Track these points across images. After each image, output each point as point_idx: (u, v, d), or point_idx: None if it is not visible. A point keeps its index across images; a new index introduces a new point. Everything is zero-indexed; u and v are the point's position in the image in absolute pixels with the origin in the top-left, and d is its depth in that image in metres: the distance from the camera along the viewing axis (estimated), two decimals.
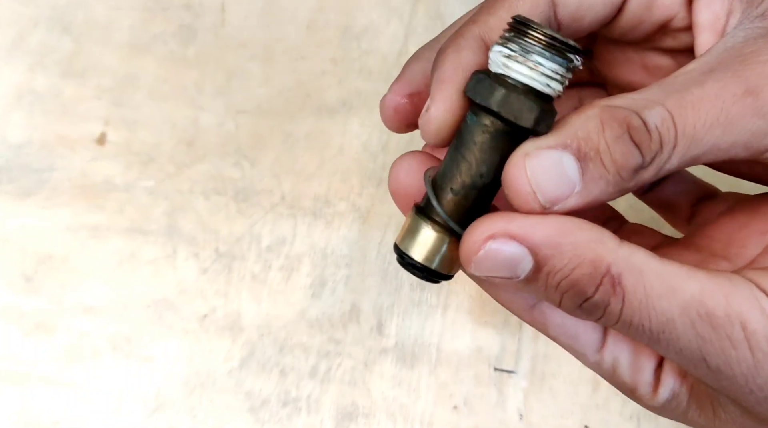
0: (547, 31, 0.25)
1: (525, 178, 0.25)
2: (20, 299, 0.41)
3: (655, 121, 0.25)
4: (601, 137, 0.25)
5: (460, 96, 0.27)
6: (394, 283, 0.41)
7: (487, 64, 0.26)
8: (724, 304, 0.24)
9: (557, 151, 0.25)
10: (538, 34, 0.25)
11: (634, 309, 0.25)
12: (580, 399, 0.39)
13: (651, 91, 0.26)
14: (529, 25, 0.25)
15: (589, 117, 0.25)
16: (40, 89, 0.45)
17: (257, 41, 0.46)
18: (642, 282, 0.25)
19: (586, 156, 0.25)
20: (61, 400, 0.39)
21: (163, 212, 0.43)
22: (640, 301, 0.25)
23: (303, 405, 0.39)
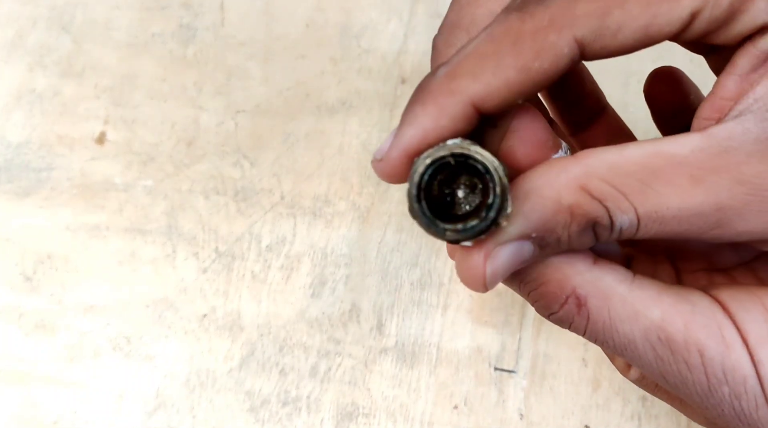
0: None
1: (482, 273, 0.26)
2: (20, 299, 0.41)
3: (623, 224, 0.25)
4: (566, 231, 0.26)
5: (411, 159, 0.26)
6: (394, 283, 0.41)
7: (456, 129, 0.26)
8: (683, 331, 0.26)
9: (518, 244, 0.25)
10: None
11: (598, 328, 0.27)
12: (581, 399, 0.39)
13: (636, 171, 0.25)
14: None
15: (558, 207, 0.25)
16: (39, 89, 0.45)
17: (257, 41, 0.46)
18: (606, 307, 0.26)
19: (544, 243, 0.26)
20: (62, 400, 0.39)
21: (163, 212, 0.43)
22: (604, 323, 0.26)
23: (303, 404, 0.39)
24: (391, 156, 0.26)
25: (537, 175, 0.26)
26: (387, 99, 0.45)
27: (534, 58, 0.25)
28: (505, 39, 0.26)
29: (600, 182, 0.25)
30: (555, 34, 0.25)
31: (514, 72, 0.25)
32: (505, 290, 0.41)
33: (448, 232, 0.25)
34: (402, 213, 0.42)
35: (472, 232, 0.25)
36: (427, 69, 0.46)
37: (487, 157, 0.25)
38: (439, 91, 0.26)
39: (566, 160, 0.26)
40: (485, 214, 0.24)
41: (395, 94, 0.45)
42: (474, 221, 0.25)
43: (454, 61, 0.26)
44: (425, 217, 0.25)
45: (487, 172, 0.25)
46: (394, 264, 0.41)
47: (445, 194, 0.26)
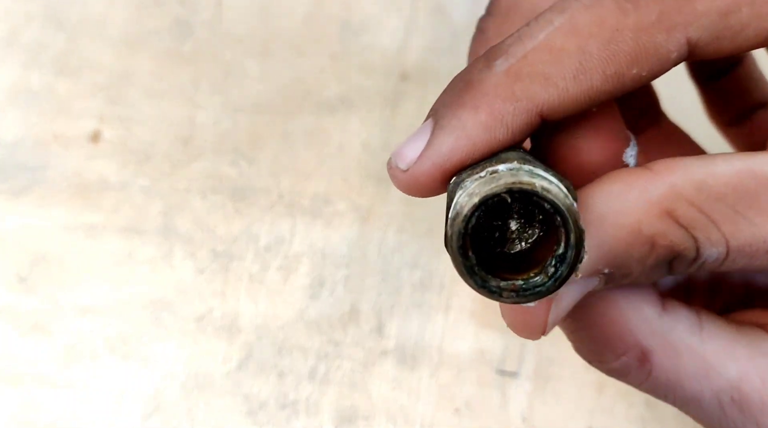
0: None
1: (543, 321, 0.21)
2: (15, 299, 0.41)
3: (709, 257, 0.21)
4: (640, 265, 0.21)
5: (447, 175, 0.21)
6: (395, 284, 0.41)
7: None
8: (760, 389, 0.22)
9: (586, 281, 0.21)
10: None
11: (659, 385, 0.23)
12: (585, 403, 0.39)
13: (728, 194, 0.21)
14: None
15: (637, 238, 0.20)
16: (33, 87, 0.45)
17: (254, 37, 0.46)
18: (675, 364, 0.23)
19: (611, 278, 0.21)
20: (58, 401, 0.39)
21: (160, 211, 0.42)
22: (668, 381, 0.23)
23: (302, 407, 0.39)
24: (421, 169, 0.21)
25: (611, 195, 0.21)
26: (388, 96, 0.45)
27: (632, 63, 0.20)
28: (595, 33, 0.20)
29: (688, 207, 0.20)
30: (664, 34, 0.20)
31: (602, 78, 0.20)
32: None
33: (504, 293, 0.20)
34: (403, 213, 0.42)
35: (537, 295, 0.20)
36: (430, 67, 0.46)
37: (556, 192, 0.19)
38: (497, 94, 0.21)
39: (643, 176, 0.21)
40: (555, 270, 0.19)
41: (396, 91, 0.45)
42: (538, 278, 0.19)
43: (516, 52, 0.21)
44: (474, 275, 0.20)
45: (558, 213, 0.19)
46: (394, 265, 0.41)
47: (493, 226, 0.20)
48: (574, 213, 0.19)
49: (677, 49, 0.20)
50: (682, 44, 0.21)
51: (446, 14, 0.46)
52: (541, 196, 0.19)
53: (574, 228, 0.19)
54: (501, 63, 0.21)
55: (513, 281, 0.20)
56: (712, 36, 0.21)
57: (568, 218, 0.19)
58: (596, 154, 0.22)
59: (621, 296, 0.22)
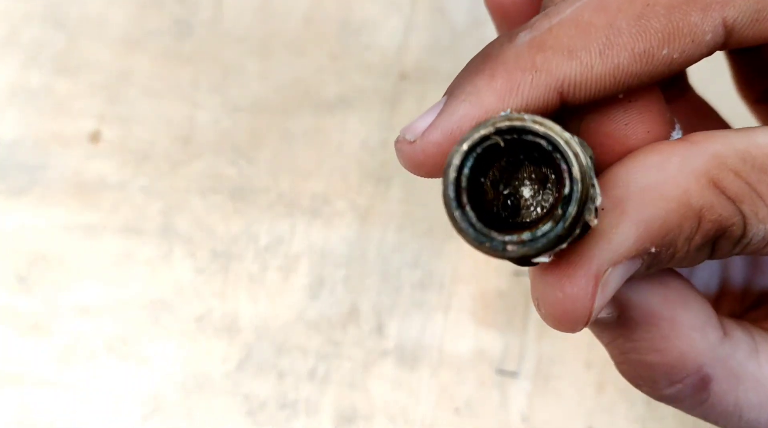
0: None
1: (589, 305, 0.19)
2: (14, 299, 0.41)
3: (755, 236, 0.19)
4: (687, 244, 0.19)
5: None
6: (395, 284, 0.41)
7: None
8: None
9: (631, 263, 0.19)
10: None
11: (715, 412, 0.21)
12: (585, 402, 0.39)
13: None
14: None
15: (686, 211, 0.18)
16: (33, 86, 0.45)
17: (254, 36, 0.46)
18: (735, 391, 0.21)
19: (655, 261, 0.19)
20: (57, 402, 0.39)
21: (159, 211, 0.42)
22: (726, 409, 0.21)
23: (301, 407, 0.39)
24: (430, 138, 0.20)
25: (652, 166, 0.19)
26: (387, 96, 0.44)
27: (663, 41, 0.19)
28: (625, 8, 0.19)
29: (734, 178, 0.19)
30: (699, 13, 0.19)
31: (630, 57, 0.19)
32: (507, 290, 0.41)
33: (509, 246, 0.18)
34: (403, 212, 0.42)
35: (547, 242, 0.17)
36: (430, 67, 0.46)
37: (551, 126, 0.18)
38: (517, 63, 0.19)
39: (683, 145, 0.19)
40: (562, 211, 0.17)
41: (395, 90, 0.45)
42: (547, 224, 0.17)
43: (541, 26, 0.20)
44: (472, 228, 0.18)
45: (555, 148, 0.18)
46: (394, 264, 0.41)
47: (505, 196, 0.19)
48: (573, 145, 0.17)
49: (712, 30, 0.19)
50: (718, 25, 0.19)
51: (446, 14, 0.46)
52: (532, 129, 0.17)
53: (575, 161, 0.17)
54: (524, 35, 0.20)
55: (518, 234, 0.18)
56: (751, 18, 0.19)
57: (567, 150, 0.17)
58: (641, 138, 0.20)
59: (686, 315, 0.20)
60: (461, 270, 0.41)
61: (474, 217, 0.18)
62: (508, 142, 0.18)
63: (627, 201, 0.18)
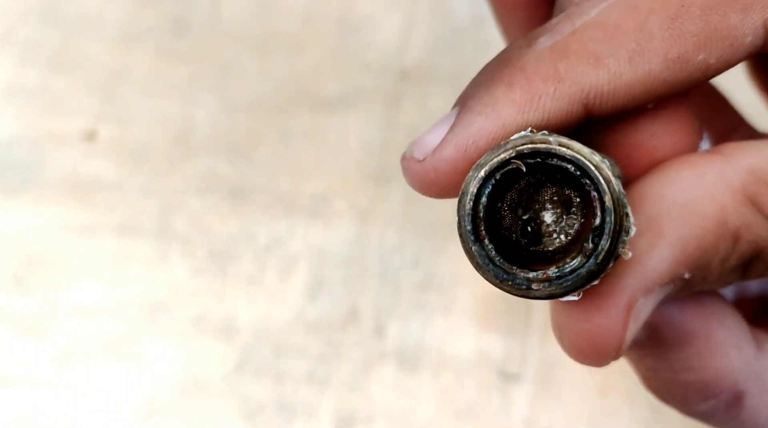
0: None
1: (620, 337, 0.17)
2: (10, 300, 0.41)
3: None
4: (721, 265, 0.18)
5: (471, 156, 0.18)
6: (395, 285, 0.41)
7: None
8: None
9: (663, 289, 0.17)
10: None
11: (746, 426, 0.20)
12: (588, 406, 0.39)
13: None
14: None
15: (722, 231, 0.17)
16: (29, 84, 0.45)
17: (252, 34, 0.46)
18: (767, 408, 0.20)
19: (689, 284, 0.18)
20: (53, 404, 0.39)
21: (156, 211, 0.42)
22: (757, 422, 0.20)
23: (300, 410, 0.39)
24: (442, 155, 0.18)
25: (686, 180, 0.17)
26: (387, 95, 0.44)
27: (699, 46, 0.17)
28: (658, 9, 0.17)
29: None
30: (738, 14, 0.17)
31: (663, 63, 0.17)
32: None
33: (534, 285, 0.16)
34: (403, 212, 0.42)
35: (577, 279, 0.16)
36: (431, 66, 0.46)
37: (579, 149, 0.16)
38: (537, 71, 0.17)
39: (716, 159, 0.18)
40: (593, 245, 0.16)
41: (396, 89, 0.44)
42: (575, 260, 0.16)
43: (563, 29, 0.18)
44: (492, 264, 0.16)
45: (583, 173, 0.16)
46: (394, 265, 0.41)
47: (524, 221, 0.17)
48: (605, 170, 0.16)
49: (752, 32, 0.17)
50: (758, 27, 0.17)
51: (447, 12, 0.46)
52: (558, 153, 0.16)
53: (608, 188, 0.16)
54: (545, 39, 0.18)
55: (544, 270, 0.16)
56: None
57: (598, 175, 0.16)
58: (669, 149, 0.18)
59: (722, 332, 0.19)
60: (462, 271, 0.41)
61: (493, 251, 0.17)
62: (530, 166, 0.16)
63: (662, 219, 0.17)
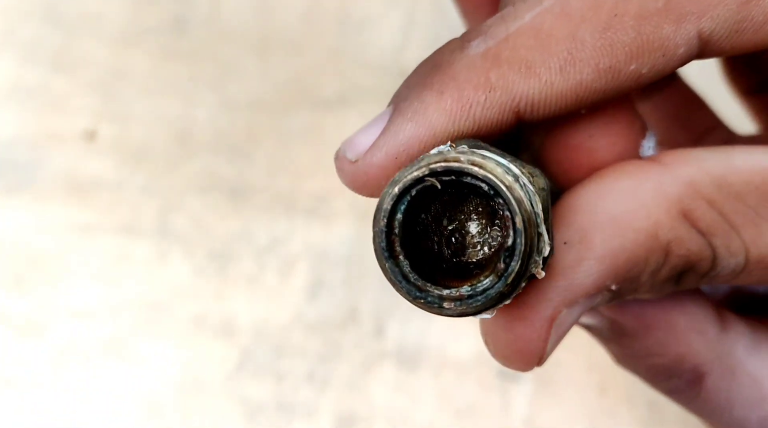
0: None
1: (541, 348, 0.18)
2: (9, 300, 0.41)
3: (724, 269, 0.18)
4: (651, 278, 0.18)
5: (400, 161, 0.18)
6: None
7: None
8: None
9: (589, 301, 0.17)
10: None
11: (707, 407, 0.21)
12: (587, 405, 0.39)
13: (749, 192, 0.17)
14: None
15: (653, 244, 0.17)
16: (29, 83, 0.45)
17: (252, 34, 0.46)
18: (729, 387, 0.20)
19: (617, 294, 0.18)
20: (53, 404, 0.39)
21: (156, 211, 0.42)
22: (718, 403, 0.20)
23: (300, 410, 0.39)
24: (373, 160, 0.18)
25: (621, 193, 0.17)
26: (386, 94, 0.44)
27: (631, 57, 0.17)
28: (590, 18, 0.17)
29: (708, 208, 0.17)
30: (671, 25, 0.17)
31: (594, 73, 0.17)
32: None
33: (446, 304, 0.16)
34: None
35: (487, 300, 0.16)
36: None
37: (492, 168, 0.16)
38: (469, 79, 0.17)
39: (655, 169, 0.17)
40: (505, 265, 0.15)
41: (395, 89, 0.45)
42: (488, 279, 0.16)
43: (496, 33, 0.17)
44: (406, 282, 0.16)
45: (496, 193, 0.15)
46: None
47: (449, 231, 0.17)
48: (517, 190, 0.15)
49: (686, 43, 0.17)
50: (692, 38, 0.17)
51: (445, 11, 0.46)
52: (470, 172, 0.15)
53: (518, 209, 0.15)
54: (478, 44, 0.18)
55: (457, 288, 0.16)
56: (729, 29, 0.17)
57: (509, 196, 0.15)
58: (607, 151, 0.18)
59: (682, 318, 0.19)
60: None
61: (408, 267, 0.16)
62: (445, 184, 0.16)
63: (593, 232, 0.17)
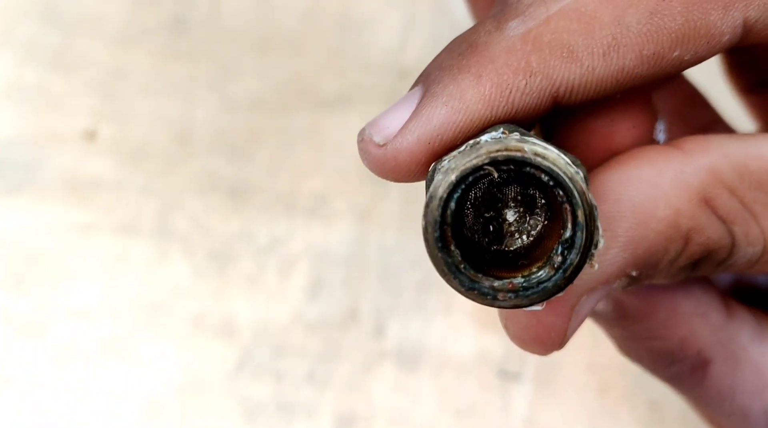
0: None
1: (563, 333, 0.17)
2: (9, 300, 0.41)
3: (741, 258, 0.18)
4: (670, 265, 0.17)
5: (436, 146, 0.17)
6: (395, 284, 0.41)
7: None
8: None
9: (608, 288, 0.17)
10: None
11: (709, 394, 0.20)
12: (587, 405, 0.39)
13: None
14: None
15: (674, 233, 0.17)
16: (29, 83, 0.45)
17: (252, 34, 0.46)
18: (732, 374, 0.20)
19: (636, 280, 0.18)
20: (53, 404, 0.39)
21: (156, 211, 0.42)
22: (720, 391, 0.20)
23: (300, 410, 0.39)
24: (404, 145, 0.17)
25: (642, 180, 0.17)
26: (387, 94, 0.44)
27: (676, 43, 0.16)
28: (636, 2, 0.16)
29: (729, 196, 0.17)
30: (719, 12, 0.17)
31: (637, 59, 0.17)
32: None
33: (500, 295, 0.16)
34: (403, 212, 0.42)
35: (543, 292, 0.15)
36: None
37: (554, 159, 0.15)
38: (508, 63, 0.16)
39: (676, 156, 0.17)
40: (563, 258, 0.15)
41: (395, 88, 0.44)
42: (542, 271, 0.15)
43: (537, 14, 0.17)
44: (459, 273, 0.16)
45: (558, 184, 0.15)
46: (394, 265, 0.41)
47: (486, 219, 0.16)
48: (579, 182, 0.15)
49: (731, 31, 0.17)
50: (738, 26, 0.17)
51: (446, 10, 0.46)
52: (534, 163, 0.15)
53: (581, 202, 0.15)
54: (516, 26, 0.17)
55: (510, 279, 0.16)
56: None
57: (572, 188, 0.15)
58: (626, 134, 0.18)
59: (687, 302, 0.19)
60: None
61: (459, 257, 0.16)
62: (501, 172, 0.16)
63: (616, 220, 0.17)
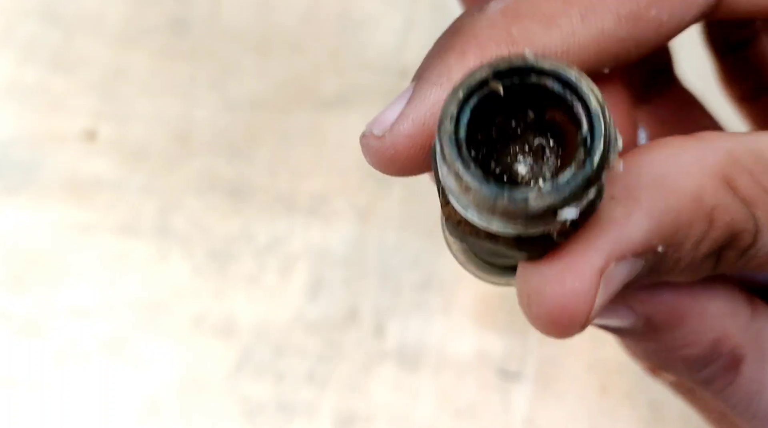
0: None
1: (590, 301, 0.16)
2: (8, 300, 0.41)
3: (765, 244, 0.18)
4: (694, 249, 0.17)
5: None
6: (395, 284, 0.41)
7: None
8: None
9: (635, 261, 0.17)
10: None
11: (739, 394, 0.20)
12: (587, 405, 0.39)
13: None
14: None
15: (698, 207, 0.17)
16: (28, 83, 0.45)
17: (252, 33, 0.46)
18: (763, 370, 0.19)
19: (659, 265, 0.17)
20: (53, 404, 0.39)
21: (155, 210, 0.42)
22: (750, 389, 0.20)
23: (300, 410, 0.39)
24: (401, 130, 0.18)
25: (664, 157, 0.17)
26: (387, 93, 0.44)
27: (652, 1, 0.17)
28: None
29: (749, 178, 0.17)
30: None
31: (615, 20, 0.17)
32: (509, 291, 0.40)
33: (531, 195, 0.14)
34: (403, 212, 0.42)
35: (574, 187, 0.14)
36: None
37: (557, 62, 0.15)
38: (490, 36, 0.17)
39: (694, 141, 0.17)
40: (587, 148, 0.14)
41: (395, 88, 0.44)
42: (566, 171, 0.15)
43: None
44: (479, 176, 0.15)
45: (565, 84, 0.15)
46: (394, 265, 0.41)
47: (495, 174, 0.16)
48: (587, 79, 0.15)
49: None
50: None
51: (446, 10, 0.46)
52: (537, 67, 0.15)
53: (592, 94, 0.15)
54: (496, 4, 0.18)
55: (537, 186, 0.15)
56: None
57: (580, 85, 0.15)
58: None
59: (715, 303, 0.19)
60: (462, 271, 0.41)
61: (481, 172, 0.15)
62: (508, 90, 0.15)
63: (640, 189, 0.17)
